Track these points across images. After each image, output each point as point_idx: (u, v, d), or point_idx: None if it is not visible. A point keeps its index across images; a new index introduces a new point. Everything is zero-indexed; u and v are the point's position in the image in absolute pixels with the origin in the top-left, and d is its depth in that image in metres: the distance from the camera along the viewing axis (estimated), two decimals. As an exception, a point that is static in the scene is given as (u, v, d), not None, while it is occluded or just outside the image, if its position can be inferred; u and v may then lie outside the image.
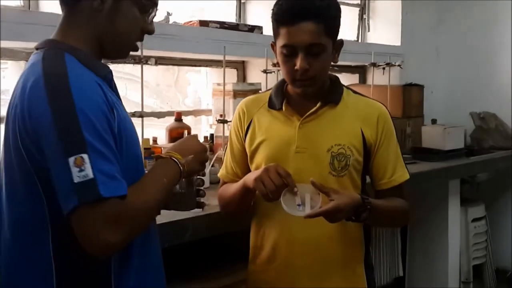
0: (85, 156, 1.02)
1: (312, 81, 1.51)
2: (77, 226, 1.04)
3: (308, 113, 1.56)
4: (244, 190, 1.55)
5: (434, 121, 3.67)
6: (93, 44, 1.21)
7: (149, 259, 1.26)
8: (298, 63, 1.46)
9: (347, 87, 1.65)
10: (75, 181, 1.01)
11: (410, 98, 3.53)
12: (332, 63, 1.57)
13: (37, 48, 1.21)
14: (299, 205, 1.44)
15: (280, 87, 1.63)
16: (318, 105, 1.56)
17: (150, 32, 1.29)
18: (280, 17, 1.49)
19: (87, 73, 1.13)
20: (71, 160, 1.01)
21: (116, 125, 1.12)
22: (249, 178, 1.51)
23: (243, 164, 1.67)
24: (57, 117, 1.04)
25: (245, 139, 1.64)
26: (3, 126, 2.14)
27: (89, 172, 1.01)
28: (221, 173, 1.74)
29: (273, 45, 1.58)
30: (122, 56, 1.29)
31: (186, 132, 1.88)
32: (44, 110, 1.04)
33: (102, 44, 1.22)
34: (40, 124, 1.05)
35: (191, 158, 1.27)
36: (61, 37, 1.20)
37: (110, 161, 1.06)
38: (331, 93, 1.59)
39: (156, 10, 1.29)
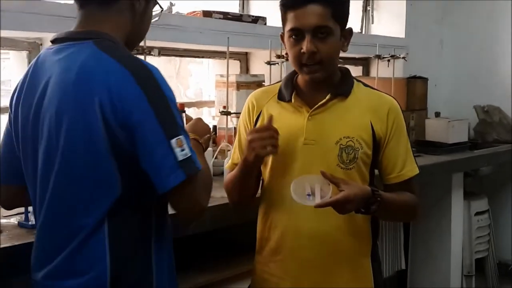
0: (182, 137, 1.19)
1: (320, 66, 1.50)
2: (181, 197, 1.21)
3: (318, 105, 1.55)
4: (243, 166, 1.53)
5: (437, 114, 3.65)
6: (124, 40, 1.31)
7: (171, 240, 1.38)
8: (305, 46, 1.46)
9: (357, 80, 1.63)
10: (179, 159, 1.17)
11: (414, 90, 3.51)
12: (341, 51, 1.56)
13: (73, 39, 1.26)
14: (308, 194, 1.43)
15: (290, 79, 1.62)
16: (327, 97, 1.55)
17: None
18: (287, 1, 1.49)
19: None
20: (173, 141, 1.17)
21: None
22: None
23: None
24: (155, 106, 1.17)
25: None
26: (2, 116, 2.14)
27: (188, 151, 1.19)
28: (228, 164, 1.73)
29: (282, 36, 1.57)
30: (133, 49, 1.46)
31: (184, 115, 1.83)
32: (140, 100, 1.17)
33: (128, 39, 1.33)
34: (135, 113, 1.16)
35: (207, 138, 1.49)
36: (104, 30, 1.26)
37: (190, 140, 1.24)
38: (341, 85, 1.58)
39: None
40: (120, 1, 1.28)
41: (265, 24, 2.95)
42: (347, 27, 1.54)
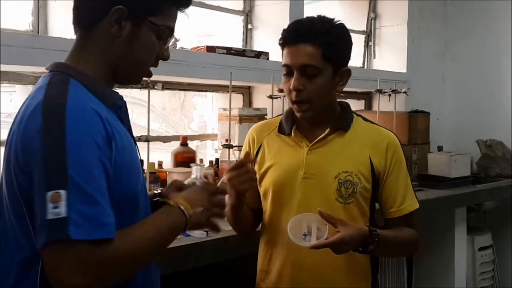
0: (63, 192, 0.96)
1: (308, 105, 1.52)
2: (46, 264, 0.99)
3: (317, 139, 1.57)
4: (229, 203, 1.55)
5: (440, 148, 3.66)
6: (106, 69, 1.19)
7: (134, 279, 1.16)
8: (292, 83, 1.49)
9: (357, 114, 1.66)
10: (48, 217, 0.96)
11: (416, 125, 3.52)
12: (337, 91, 1.57)
13: (47, 70, 1.19)
14: (305, 234, 1.42)
15: (291, 112, 1.65)
16: (326, 131, 1.57)
17: (165, 58, 1.26)
18: (283, 39, 1.53)
19: (88, 102, 1.09)
20: (49, 194, 0.96)
21: (113, 157, 1.08)
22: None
23: (252, 189, 1.65)
24: (46, 148, 0.99)
25: (254, 164, 1.65)
26: (2, 149, 2.15)
27: (62, 210, 0.96)
28: None
29: None
30: (135, 82, 1.27)
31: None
32: (36, 139, 1.01)
33: (116, 70, 1.20)
34: (31, 153, 1.01)
35: (199, 211, 1.22)
36: (73, 61, 1.18)
37: (94, 202, 0.99)
38: (341, 120, 1.60)
39: (173, 37, 1.26)
40: (98, 25, 1.15)
41: (268, 59, 2.99)
42: (347, 67, 1.56)
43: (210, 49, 2.77)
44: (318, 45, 1.48)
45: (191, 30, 3.00)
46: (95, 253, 0.98)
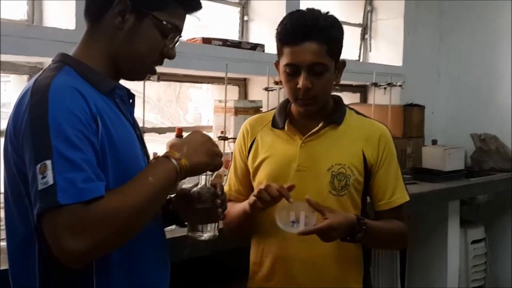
0: (48, 162, 1.01)
1: (314, 100, 1.53)
2: (46, 234, 1.02)
3: (310, 132, 1.58)
4: (244, 214, 1.54)
5: (434, 142, 3.68)
6: (107, 61, 1.21)
7: (134, 272, 1.20)
8: (301, 82, 1.48)
9: (350, 108, 1.66)
10: (39, 188, 1.01)
11: (410, 118, 3.54)
12: (334, 83, 1.58)
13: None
14: (293, 222, 1.44)
15: (284, 106, 1.65)
16: (320, 125, 1.58)
17: (170, 57, 1.26)
18: (284, 37, 1.51)
19: (73, 83, 1.11)
20: (37, 167, 1.01)
21: (100, 137, 1.09)
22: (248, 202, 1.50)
23: (246, 181, 1.68)
24: (32, 127, 1.04)
25: (248, 157, 1.66)
26: (3, 139, 2.16)
27: (49, 179, 1.00)
28: (225, 190, 1.74)
29: (276, 64, 1.60)
30: (138, 77, 1.28)
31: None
32: (24, 120, 1.06)
33: (117, 63, 1.21)
34: (20, 133, 1.06)
35: (186, 150, 1.18)
36: (77, 52, 1.22)
37: (79, 168, 1.02)
38: (334, 114, 1.61)
39: (180, 36, 1.26)
40: (103, 18, 1.18)
41: (263, 51, 2.99)
42: (340, 58, 1.57)
43: (206, 40, 2.77)
44: (323, 42, 1.48)
45: (187, 21, 2.99)
46: (86, 214, 1.01)
